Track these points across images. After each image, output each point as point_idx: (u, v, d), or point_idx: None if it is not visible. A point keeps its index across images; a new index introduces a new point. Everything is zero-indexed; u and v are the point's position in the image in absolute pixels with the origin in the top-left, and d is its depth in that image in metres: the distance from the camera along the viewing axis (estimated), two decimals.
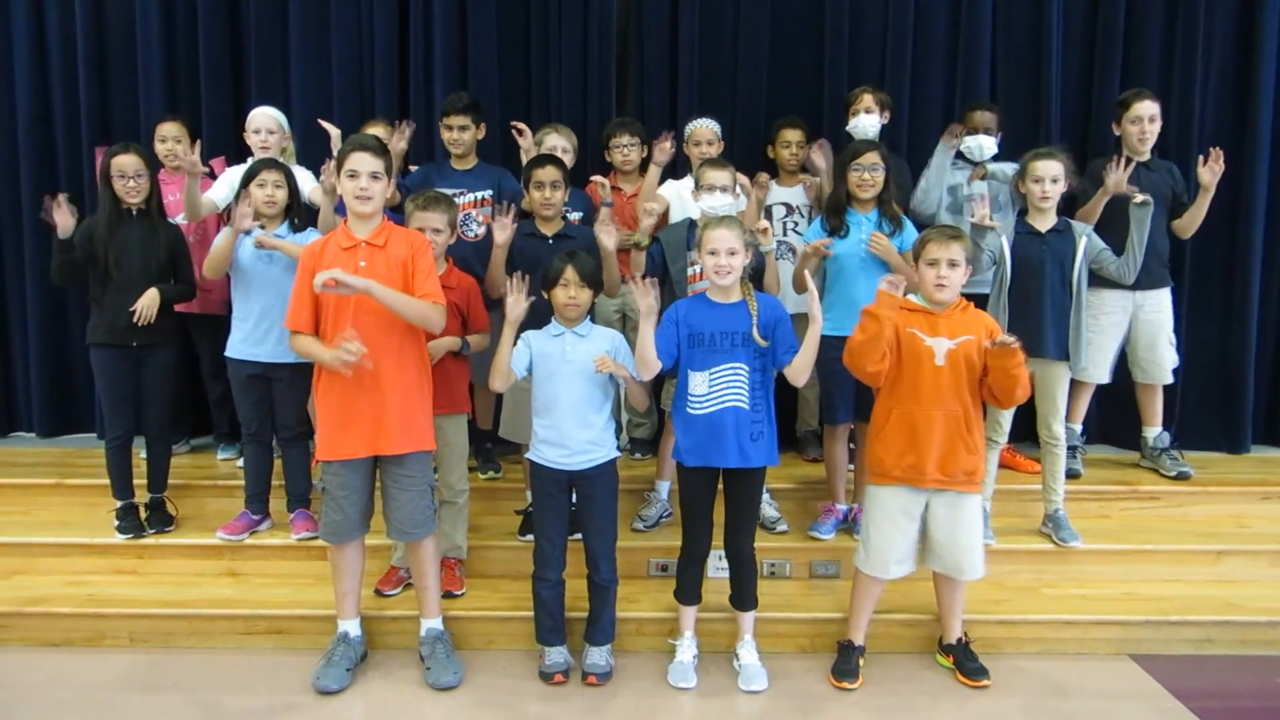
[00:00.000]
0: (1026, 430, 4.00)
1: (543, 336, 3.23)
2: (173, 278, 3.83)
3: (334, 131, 4.08)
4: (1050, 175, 3.64)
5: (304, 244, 3.55)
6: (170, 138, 4.37)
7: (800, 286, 3.80)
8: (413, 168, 4.40)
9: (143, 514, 3.91)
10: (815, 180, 4.26)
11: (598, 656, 3.26)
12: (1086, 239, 3.71)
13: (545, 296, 3.24)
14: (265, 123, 4.20)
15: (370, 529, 3.29)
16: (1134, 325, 4.33)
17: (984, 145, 4.20)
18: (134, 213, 3.74)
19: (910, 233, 3.70)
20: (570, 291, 3.16)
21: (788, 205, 4.36)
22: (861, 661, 3.32)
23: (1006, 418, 3.81)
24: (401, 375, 3.09)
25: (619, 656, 3.37)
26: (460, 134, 4.17)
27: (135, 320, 3.65)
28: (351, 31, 4.81)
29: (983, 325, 3.12)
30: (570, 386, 3.16)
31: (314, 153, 4.41)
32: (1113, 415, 4.83)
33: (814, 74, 4.86)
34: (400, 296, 3.02)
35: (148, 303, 3.67)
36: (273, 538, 3.88)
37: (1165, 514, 4.20)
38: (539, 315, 3.31)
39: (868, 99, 4.20)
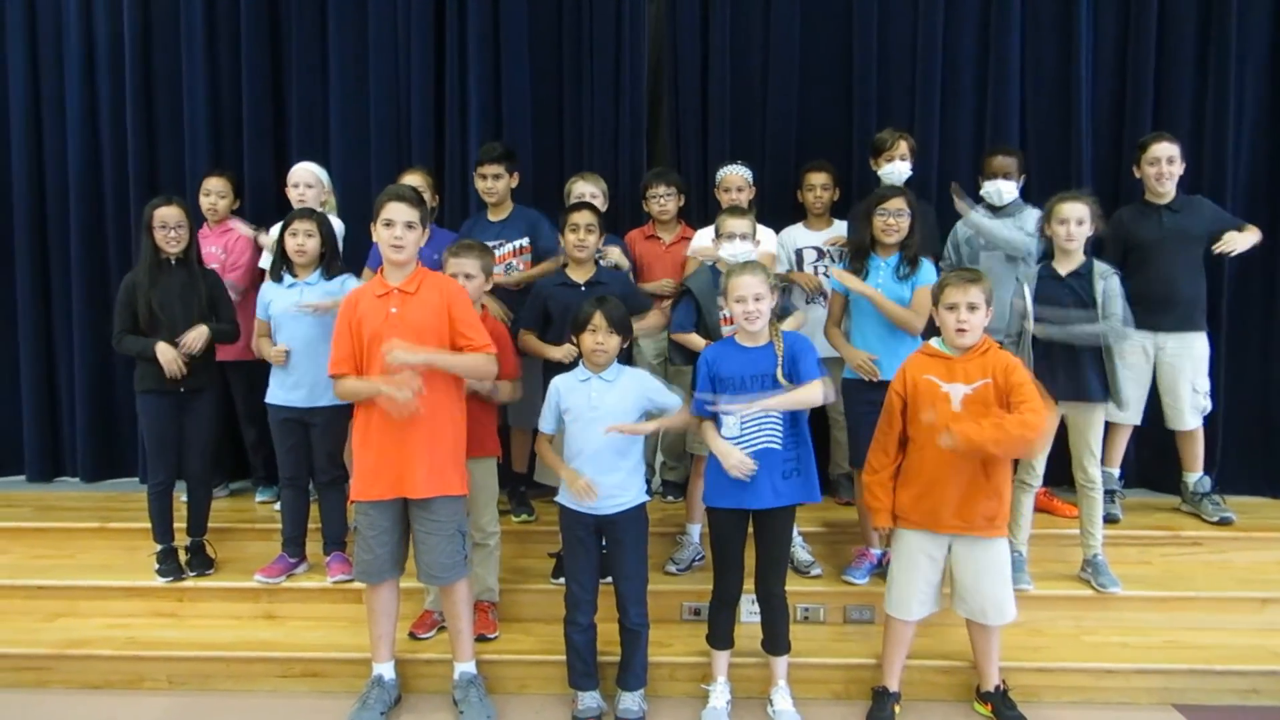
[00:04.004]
0: (1063, 474, 3.95)
1: (570, 381, 3.26)
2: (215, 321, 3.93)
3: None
4: (1076, 217, 3.63)
5: (336, 296, 3.65)
6: (214, 192, 4.53)
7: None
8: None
9: (183, 557, 3.98)
10: (841, 237, 4.31)
11: (630, 701, 3.25)
12: (1105, 282, 3.65)
13: (575, 341, 3.27)
14: (304, 177, 4.33)
15: (406, 571, 3.32)
16: (1157, 368, 4.27)
17: (1003, 190, 4.19)
18: (173, 262, 3.85)
19: (926, 271, 3.70)
20: (598, 337, 3.18)
21: (818, 250, 4.38)
22: (897, 708, 3.28)
23: (1040, 460, 3.77)
24: (432, 421, 3.12)
25: (652, 701, 3.35)
26: (494, 183, 4.25)
27: (179, 348, 3.74)
28: (389, 86, 4.95)
29: (1002, 367, 3.06)
30: (596, 432, 3.17)
31: (353, 205, 4.53)
32: (1152, 459, 4.75)
33: (843, 118, 4.91)
34: (456, 359, 3.10)
35: (195, 335, 3.77)
36: (309, 580, 3.92)
37: (1208, 560, 4.11)
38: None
39: (903, 146, 4.21)
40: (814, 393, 3.07)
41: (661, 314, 3.93)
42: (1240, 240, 4.15)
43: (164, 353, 3.73)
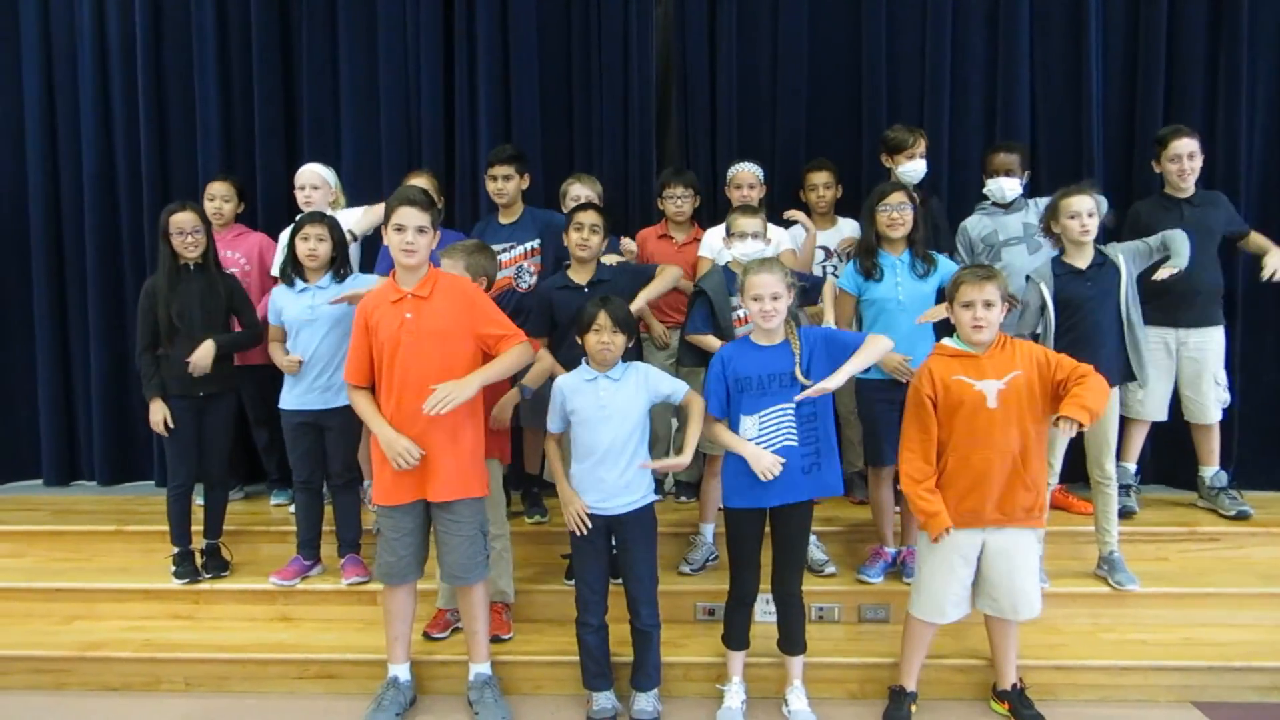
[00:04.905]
0: (1078, 470, 3.93)
1: (575, 382, 3.24)
2: (234, 325, 3.97)
3: None
4: (1086, 209, 3.60)
5: (335, 309, 3.69)
6: (219, 196, 4.54)
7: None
8: None
9: (199, 560, 3.99)
10: (851, 237, 4.30)
11: (645, 702, 3.25)
12: (1125, 257, 3.66)
13: (580, 341, 3.25)
14: (310, 179, 4.33)
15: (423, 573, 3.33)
16: (1178, 363, 4.26)
17: (1004, 187, 4.16)
18: (191, 267, 3.87)
19: (945, 269, 3.69)
20: (603, 337, 3.16)
21: (825, 249, 4.37)
22: (914, 708, 3.27)
23: (1058, 457, 3.75)
24: (450, 423, 3.11)
25: (667, 701, 3.35)
26: (505, 183, 4.25)
27: (190, 372, 3.78)
28: (399, 89, 4.96)
29: (1030, 357, 3.07)
30: (607, 432, 3.16)
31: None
32: (1169, 454, 4.72)
33: (853, 116, 4.89)
34: (500, 366, 3.14)
35: (201, 354, 3.79)
36: (324, 583, 3.93)
37: (1226, 555, 4.08)
38: (575, 360, 3.35)
39: (922, 144, 4.19)
40: (879, 342, 3.10)
41: (673, 271, 3.89)
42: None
43: (154, 411, 3.83)
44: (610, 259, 3.95)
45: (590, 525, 3.18)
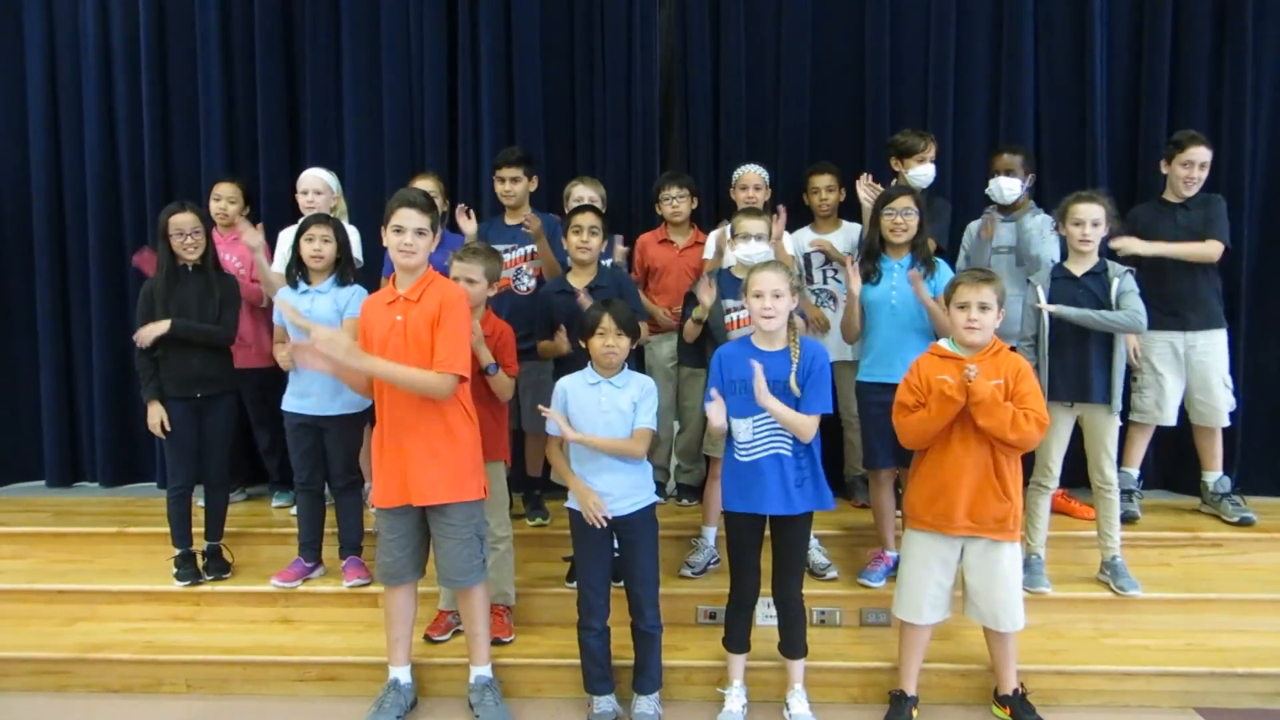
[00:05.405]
0: (1080, 475, 3.92)
1: (579, 384, 3.24)
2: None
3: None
4: (1091, 218, 3.60)
5: (330, 315, 3.67)
6: (224, 197, 4.55)
7: (851, 336, 3.81)
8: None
9: (200, 562, 4.00)
10: (827, 240, 4.34)
11: (646, 705, 3.24)
12: (1120, 280, 3.63)
13: (583, 346, 3.25)
14: (312, 184, 4.33)
15: (425, 574, 3.32)
16: (1186, 367, 4.24)
17: (1003, 187, 4.14)
18: (190, 269, 3.87)
19: (944, 275, 3.68)
20: (608, 340, 3.16)
21: (825, 254, 4.36)
22: (915, 712, 3.27)
23: (1056, 463, 3.75)
24: (434, 427, 3.09)
25: (667, 705, 3.34)
26: (512, 185, 4.25)
27: (134, 341, 3.78)
28: (402, 93, 4.96)
29: (1014, 369, 3.07)
30: (610, 435, 3.17)
31: (367, 211, 4.55)
32: (1172, 460, 4.71)
33: (856, 118, 4.88)
34: (396, 371, 3.01)
35: (148, 330, 3.76)
36: (325, 585, 3.93)
37: (1229, 561, 4.07)
38: (577, 363, 3.35)
39: (932, 149, 4.19)
40: (807, 426, 3.06)
41: (648, 330, 3.96)
42: (1138, 244, 4.07)
43: (152, 414, 3.84)
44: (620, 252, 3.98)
45: (609, 518, 3.17)
